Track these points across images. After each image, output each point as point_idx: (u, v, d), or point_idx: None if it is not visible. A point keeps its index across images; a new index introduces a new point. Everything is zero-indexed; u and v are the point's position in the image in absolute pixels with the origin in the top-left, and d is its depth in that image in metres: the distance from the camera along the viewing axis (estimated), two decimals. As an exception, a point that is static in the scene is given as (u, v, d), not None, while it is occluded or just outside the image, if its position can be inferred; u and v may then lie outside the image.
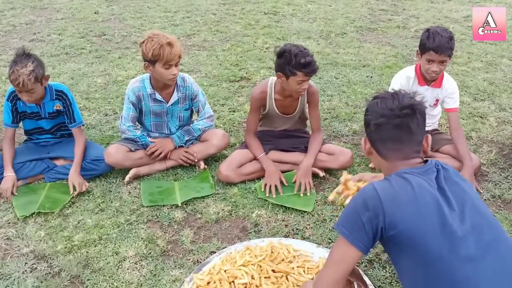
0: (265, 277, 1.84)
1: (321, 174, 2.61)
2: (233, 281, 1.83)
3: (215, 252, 2.06)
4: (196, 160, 2.72)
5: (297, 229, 2.24)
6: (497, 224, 1.30)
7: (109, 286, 1.91)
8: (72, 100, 2.63)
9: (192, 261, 2.05)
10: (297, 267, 1.89)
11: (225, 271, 1.87)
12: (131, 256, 2.07)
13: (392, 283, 1.91)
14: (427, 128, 2.78)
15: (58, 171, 2.63)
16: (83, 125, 2.73)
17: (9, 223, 2.31)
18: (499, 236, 1.26)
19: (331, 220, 2.29)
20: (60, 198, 2.45)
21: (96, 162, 2.59)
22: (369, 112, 1.43)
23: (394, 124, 1.36)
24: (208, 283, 1.84)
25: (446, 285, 1.20)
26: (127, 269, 2.00)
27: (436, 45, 2.46)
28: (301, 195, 2.45)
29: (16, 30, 5.42)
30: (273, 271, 1.87)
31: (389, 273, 1.96)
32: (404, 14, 6.05)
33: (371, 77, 4.05)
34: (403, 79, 2.69)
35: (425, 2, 6.65)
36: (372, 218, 1.26)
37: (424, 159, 1.41)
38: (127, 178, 2.59)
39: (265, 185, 2.50)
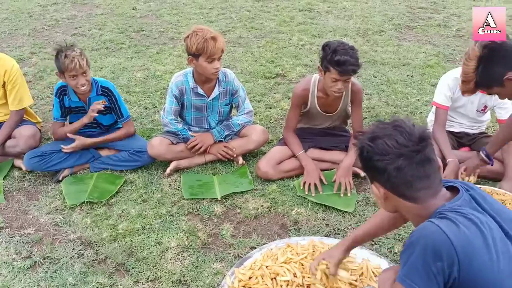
0: (308, 277, 1.82)
1: (362, 174, 2.57)
2: (275, 278, 1.83)
3: (255, 248, 2.07)
4: (235, 155, 2.73)
5: (338, 229, 2.22)
6: None
7: (153, 275, 1.96)
8: (118, 96, 2.70)
9: (233, 255, 2.07)
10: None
11: (266, 267, 1.87)
12: (173, 247, 2.11)
13: None
14: (473, 131, 2.73)
15: (103, 161, 2.71)
16: (131, 118, 2.84)
17: (57, 209, 2.40)
18: None
19: (372, 221, 2.26)
20: (107, 188, 2.52)
21: (139, 153, 2.65)
22: (379, 156, 1.22)
23: (417, 162, 1.20)
24: (250, 278, 1.85)
25: None
26: (170, 259, 2.04)
27: None
28: (341, 195, 2.43)
29: (59, 24, 5.59)
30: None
31: None
32: (444, 12, 5.88)
33: (411, 76, 3.96)
34: (451, 81, 2.59)
35: (467, 0, 6.44)
36: (444, 269, 1.11)
37: (445, 186, 1.29)
38: (168, 170, 2.64)
39: (304, 183, 2.49)
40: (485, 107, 2.64)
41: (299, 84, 2.64)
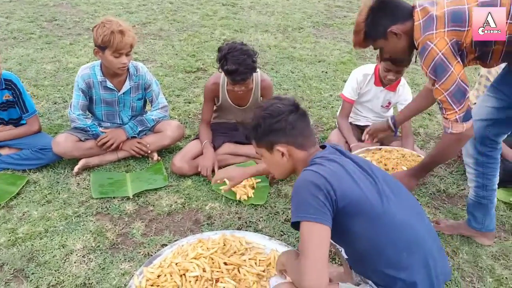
0: (217, 271, 1.84)
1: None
2: (184, 274, 1.83)
3: (166, 245, 2.04)
4: (149, 152, 2.68)
5: (250, 221, 2.27)
6: (390, 176, 1.57)
7: (55, 280, 1.86)
8: (22, 89, 2.54)
9: (142, 254, 2.02)
10: (249, 259, 1.91)
11: (176, 264, 1.86)
12: (78, 249, 2.02)
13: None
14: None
15: (3, 160, 2.51)
16: (37, 114, 2.67)
17: None
18: (396, 182, 1.56)
19: (283, 213, 2.34)
20: (7, 189, 2.34)
21: (43, 151, 2.49)
22: (276, 118, 1.52)
23: (300, 115, 1.55)
24: (159, 276, 1.82)
25: (392, 229, 1.40)
26: (74, 262, 1.95)
27: None
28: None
29: (-44, 10, 5.07)
30: (225, 263, 1.88)
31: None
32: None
33: (326, 72, 4.14)
34: (360, 76, 2.75)
35: (379, 1, 6.85)
36: (326, 195, 1.36)
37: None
38: (76, 169, 2.51)
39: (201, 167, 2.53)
40: (389, 103, 2.83)
41: (210, 78, 2.66)
